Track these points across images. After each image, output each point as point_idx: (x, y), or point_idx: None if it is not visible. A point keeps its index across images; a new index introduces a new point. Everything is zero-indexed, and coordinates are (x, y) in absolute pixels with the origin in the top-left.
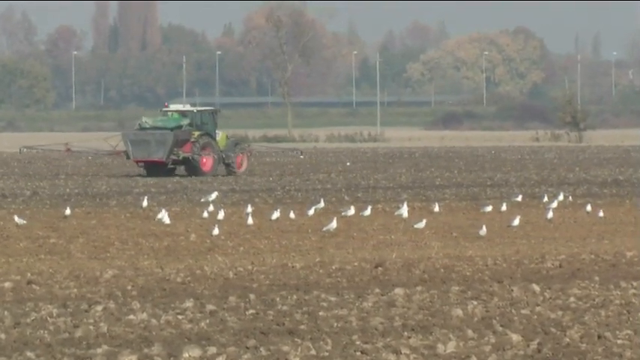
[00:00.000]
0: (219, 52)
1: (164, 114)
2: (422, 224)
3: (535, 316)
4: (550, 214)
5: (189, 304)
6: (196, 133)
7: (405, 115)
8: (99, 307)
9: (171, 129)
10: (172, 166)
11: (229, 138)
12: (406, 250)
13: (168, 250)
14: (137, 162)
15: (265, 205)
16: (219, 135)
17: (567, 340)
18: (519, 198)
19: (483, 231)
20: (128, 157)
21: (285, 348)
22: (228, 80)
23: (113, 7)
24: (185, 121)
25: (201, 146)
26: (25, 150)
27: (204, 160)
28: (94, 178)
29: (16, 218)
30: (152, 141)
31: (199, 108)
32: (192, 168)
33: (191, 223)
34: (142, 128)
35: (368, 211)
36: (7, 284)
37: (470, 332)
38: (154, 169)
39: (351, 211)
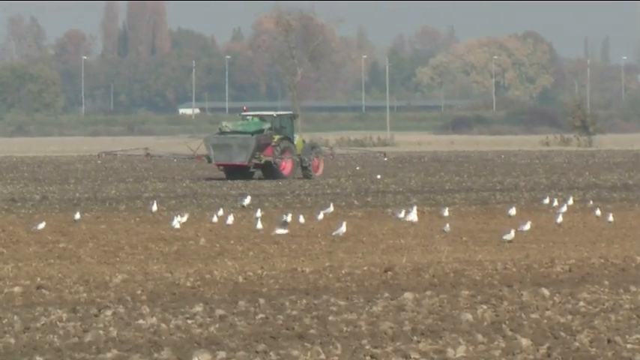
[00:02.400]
0: (228, 57)
1: (244, 118)
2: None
3: (545, 321)
4: (560, 219)
5: (198, 308)
6: (276, 137)
7: (414, 119)
8: (108, 312)
9: (253, 133)
10: (252, 170)
11: (305, 142)
12: (416, 254)
13: (177, 255)
14: (218, 165)
15: (275, 210)
16: (296, 139)
17: (577, 344)
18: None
19: (510, 235)
20: (209, 161)
21: (295, 352)
22: (237, 85)
23: (122, 12)
24: (266, 126)
25: (281, 150)
26: (104, 155)
27: (284, 164)
28: (104, 182)
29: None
30: (234, 145)
31: (279, 112)
32: (271, 172)
33: (200, 228)
34: (222, 132)
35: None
36: (16, 289)
37: (479, 336)
38: (235, 172)
39: (402, 214)
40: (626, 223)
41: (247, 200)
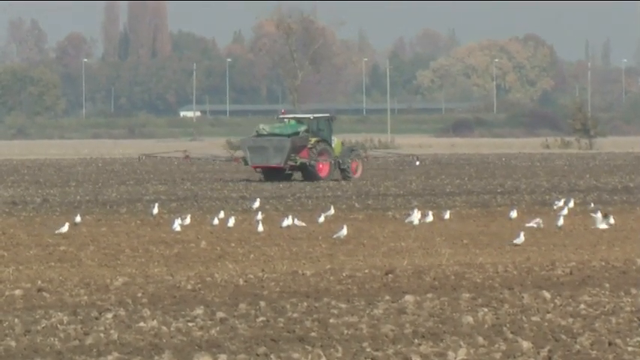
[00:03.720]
0: (229, 60)
1: (281, 121)
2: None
3: (545, 323)
4: (560, 221)
5: (199, 311)
6: (313, 140)
7: (415, 122)
8: (109, 315)
9: (288, 135)
10: (290, 172)
11: (344, 144)
12: (417, 257)
13: (178, 258)
14: (255, 168)
15: (276, 212)
16: (335, 141)
17: (578, 347)
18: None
19: (520, 239)
20: (246, 164)
21: (296, 355)
22: (238, 87)
23: (123, 14)
24: (302, 128)
25: (317, 152)
26: (144, 158)
27: (321, 165)
28: (105, 185)
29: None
30: (270, 147)
31: (315, 115)
32: (309, 173)
33: (201, 230)
34: (259, 135)
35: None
36: (17, 292)
37: (480, 339)
38: (272, 174)
39: (415, 216)
40: (626, 226)
41: (257, 203)
